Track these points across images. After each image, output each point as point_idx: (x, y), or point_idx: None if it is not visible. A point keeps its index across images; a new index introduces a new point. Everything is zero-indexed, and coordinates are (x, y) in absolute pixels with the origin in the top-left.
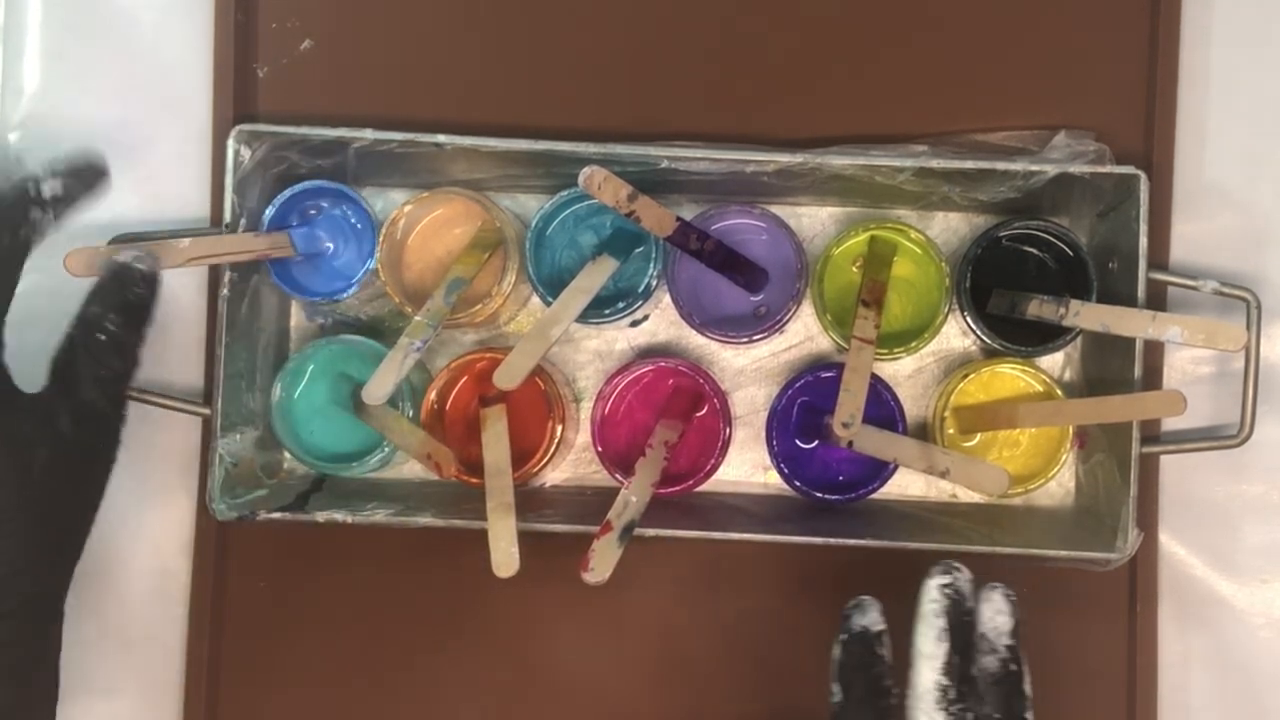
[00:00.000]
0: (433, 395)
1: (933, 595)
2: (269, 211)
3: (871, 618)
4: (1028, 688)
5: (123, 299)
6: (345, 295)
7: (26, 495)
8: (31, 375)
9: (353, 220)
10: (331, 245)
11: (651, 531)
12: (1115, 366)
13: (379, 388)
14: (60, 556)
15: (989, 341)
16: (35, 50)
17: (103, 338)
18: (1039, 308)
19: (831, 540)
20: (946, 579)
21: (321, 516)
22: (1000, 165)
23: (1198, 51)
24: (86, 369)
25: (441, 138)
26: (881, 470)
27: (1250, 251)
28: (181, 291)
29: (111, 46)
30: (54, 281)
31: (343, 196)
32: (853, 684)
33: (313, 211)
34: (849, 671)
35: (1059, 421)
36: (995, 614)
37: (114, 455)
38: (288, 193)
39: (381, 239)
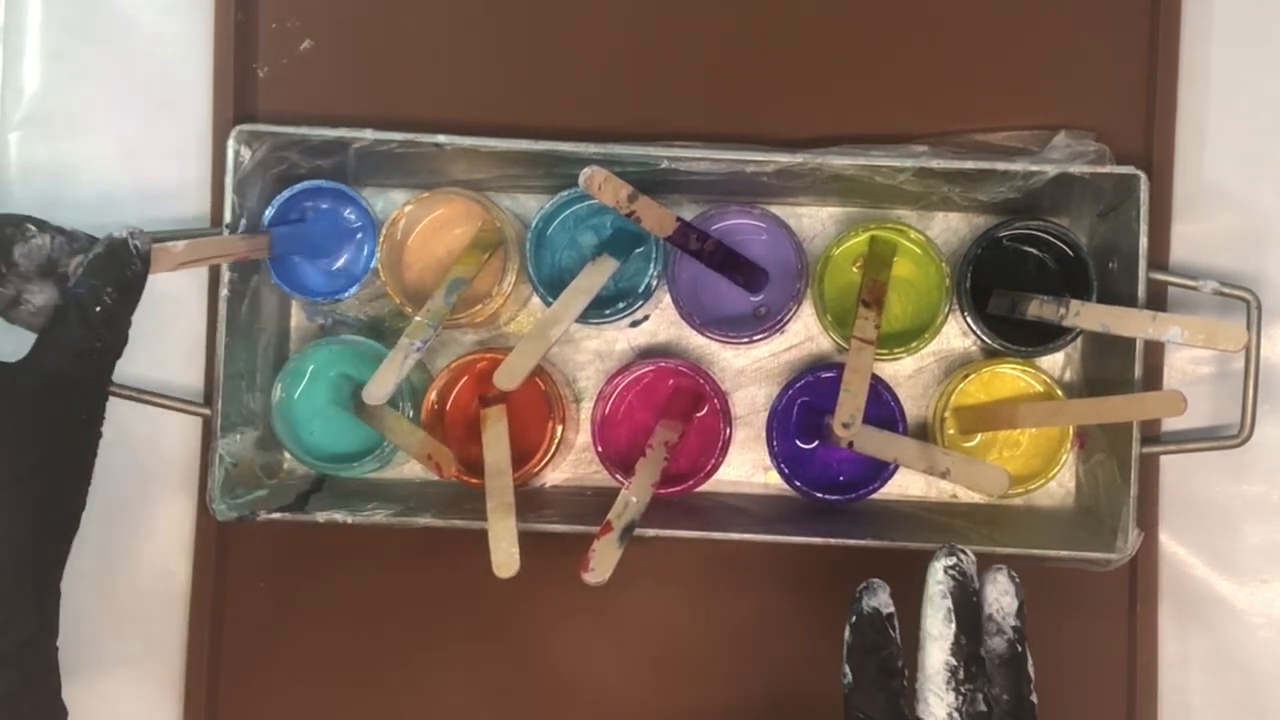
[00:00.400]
0: (433, 395)
1: (938, 577)
2: (269, 212)
3: (881, 599)
4: (1031, 669)
5: (120, 275)
6: (346, 295)
7: (14, 468)
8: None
9: (353, 220)
10: (327, 238)
11: (652, 532)
12: (1115, 367)
13: (379, 388)
14: (54, 532)
15: (989, 341)
16: (35, 50)
17: (99, 310)
18: (1039, 308)
19: (831, 540)
20: (951, 560)
21: (321, 517)
22: (1000, 165)
23: (1198, 51)
24: (77, 341)
25: (441, 138)
26: (882, 470)
27: (1250, 251)
28: (181, 291)
29: (111, 46)
30: None
31: (343, 196)
32: (864, 666)
33: (312, 212)
34: (860, 654)
35: (1059, 422)
36: (1001, 595)
37: (99, 427)
38: (287, 193)
39: (381, 239)
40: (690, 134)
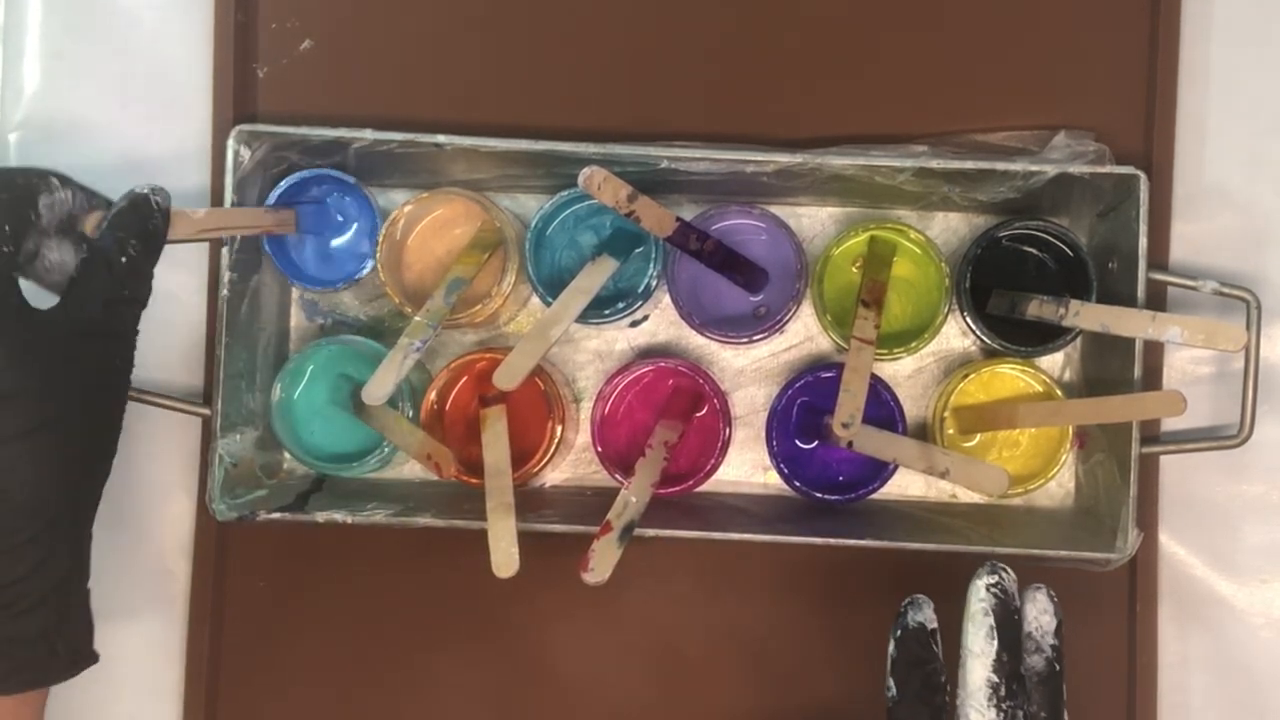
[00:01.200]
0: (433, 395)
1: (980, 594)
2: (267, 205)
3: (926, 614)
4: (1065, 688)
5: (143, 227)
6: (359, 275)
7: (47, 412)
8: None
9: (354, 210)
10: (330, 224)
11: (651, 532)
12: (1115, 367)
13: (378, 388)
14: (87, 475)
15: (989, 342)
16: (35, 50)
17: (124, 260)
18: (1039, 308)
19: (831, 540)
20: (993, 578)
21: (321, 517)
22: (1000, 165)
23: (1198, 51)
24: (105, 290)
25: (441, 138)
26: (881, 470)
27: (1250, 251)
28: (181, 291)
29: (111, 46)
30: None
31: (343, 186)
32: (908, 680)
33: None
34: (904, 668)
35: (1059, 422)
36: (1040, 614)
37: (129, 375)
38: (285, 183)
39: (381, 239)
40: (690, 134)
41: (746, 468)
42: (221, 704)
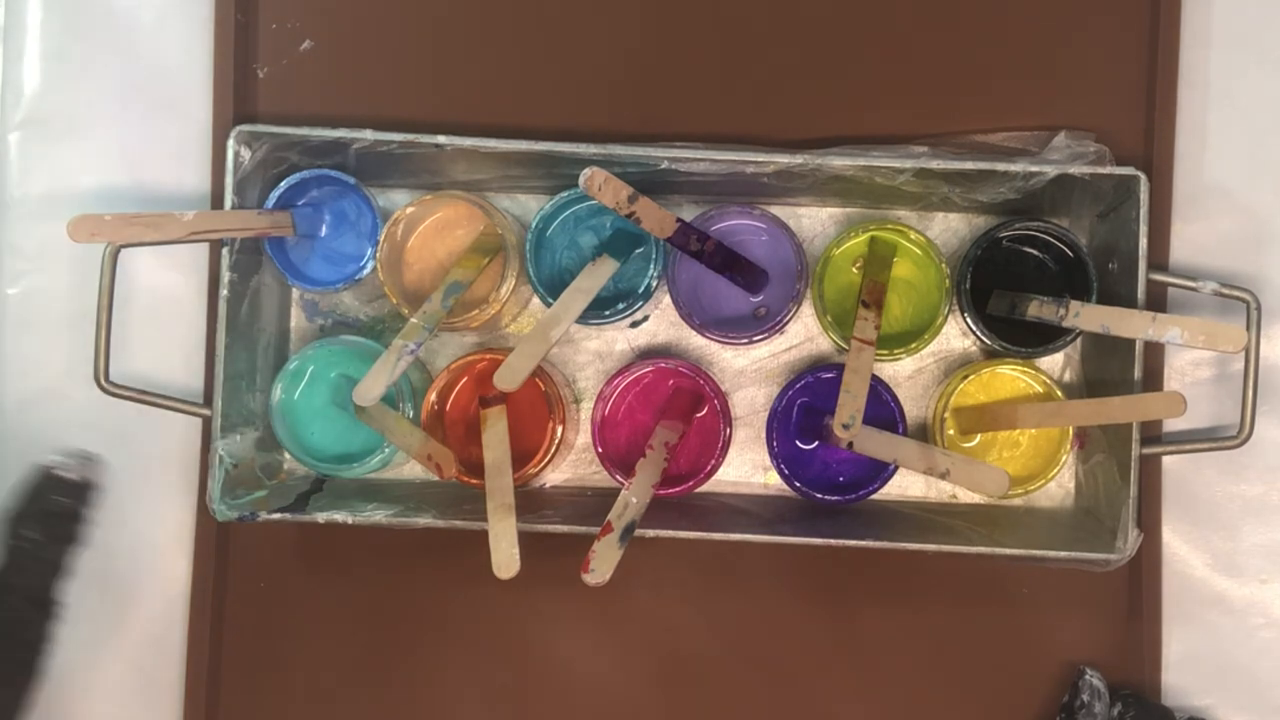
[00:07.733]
0: (433, 396)
1: None
2: (267, 205)
3: None
4: None
5: (41, 507)
6: (359, 276)
7: None
8: (24, 383)
9: (354, 210)
10: (330, 225)
11: (652, 532)
12: (1115, 367)
13: (370, 389)
14: None
15: (989, 342)
16: (35, 50)
17: (25, 547)
18: (1039, 309)
19: (831, 541)
20: None
21: (322, 517)
22: (1000, 166)
23: (1197, 53)
24: (13, 578)
25: (441, 139)
26: (882, 471)
27: (1250, 252)
28: (181, 292)
29: (111, 46)
30: (53, 283)
31: (343, 187)
32: None
33: (312, 203)
34: None
35: (1059, 422)
36: None
37: (43, 653)
38: (285, 183)
39: (382, 239)
40: (690, 134)
41: (747, 468)
42: (221, 704)
